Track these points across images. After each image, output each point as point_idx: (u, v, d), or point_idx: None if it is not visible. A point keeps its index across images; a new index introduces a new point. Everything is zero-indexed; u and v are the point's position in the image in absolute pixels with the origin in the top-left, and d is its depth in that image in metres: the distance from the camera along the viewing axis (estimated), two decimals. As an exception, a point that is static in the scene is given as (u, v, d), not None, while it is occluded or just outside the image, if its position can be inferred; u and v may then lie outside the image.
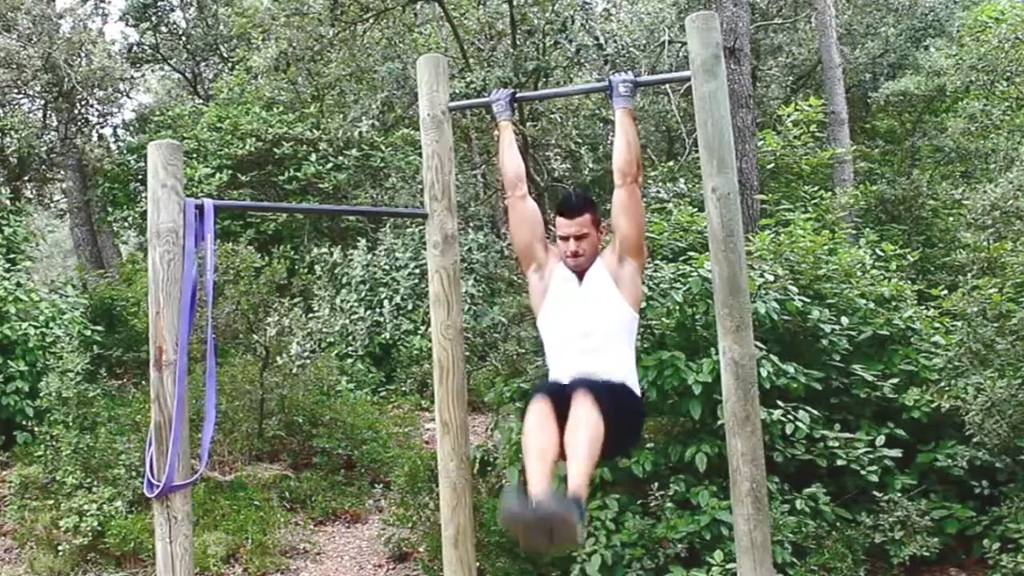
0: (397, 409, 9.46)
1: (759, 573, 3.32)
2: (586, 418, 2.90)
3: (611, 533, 5.19)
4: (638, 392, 3.40)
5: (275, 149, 13.27)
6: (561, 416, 2.99)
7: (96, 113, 14.64)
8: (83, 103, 14.17)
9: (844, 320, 6.03)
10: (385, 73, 10.49)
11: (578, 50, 9.62)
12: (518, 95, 4.02)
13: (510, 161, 3.69)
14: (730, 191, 3.40)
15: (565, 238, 3.44)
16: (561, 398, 3.04)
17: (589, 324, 3.34)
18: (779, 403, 5.37)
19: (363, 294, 10.80)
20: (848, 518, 5.40)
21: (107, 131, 15.24)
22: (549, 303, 3.47)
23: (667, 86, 12.09)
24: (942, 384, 5.65)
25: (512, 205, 3.66)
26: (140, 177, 13.50)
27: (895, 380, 5.86)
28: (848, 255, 6.55)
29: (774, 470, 5.24)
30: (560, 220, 3.46)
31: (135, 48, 17.41)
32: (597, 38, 9.65)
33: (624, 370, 3.35)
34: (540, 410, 3.02)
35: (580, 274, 3.44)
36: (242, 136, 13.37)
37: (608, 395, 3.05)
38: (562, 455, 2.93)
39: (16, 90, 13.53)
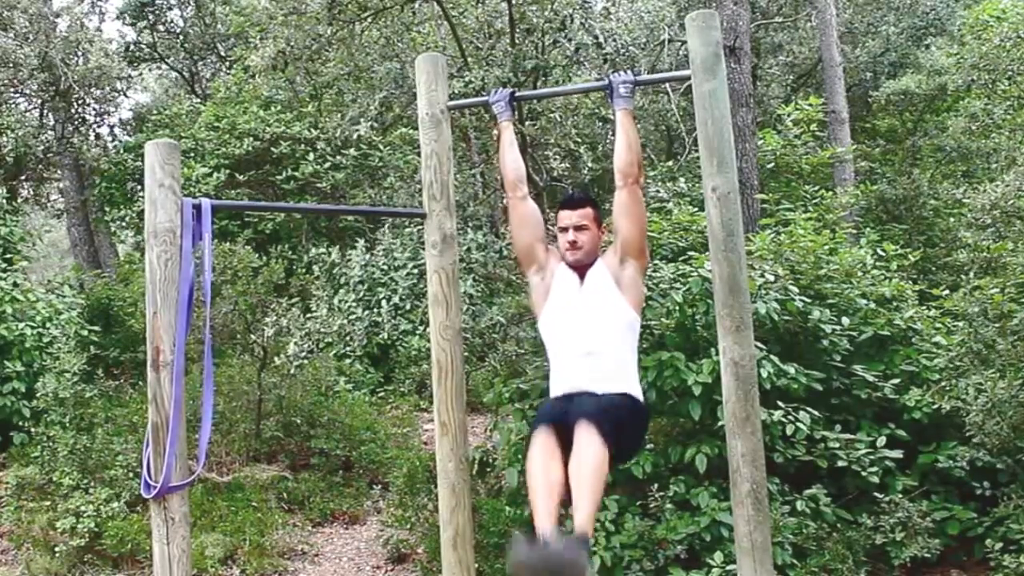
0: (395, 410, 9.43)
1: (759, 574, 3.30)
2: (590, 452, 2.84)
3: (611, 534, 5.17)
4: (641, 397, 3.36)
5: (273, 148, 13.24)
6: (565, 444, 2.93)
7: (93, 112, 14.62)
8: (80, 102, 14.15)
9: (845, 320, 6.01)
10: (383, 72, 10.46)
11: (577, 49, 9.59)
12: (517, 94, 4.00)
13: (511, 162, 3.67)
14: (730, 190, 3.38)
15: (564, 229, 3.43)
16: (563, 425, 2.97)
17: (590, 328, 3.31)
18: (779, 404, 5.35)
19: (361, 294, 10.77)
20: (849, 519, 5.38)
21: (104, 130, 15.22)
22: (550, 305, 3.44)
23: (667, 85, 12.07)
24: (943, 384, 5.63)
25: (512, 206, 3.64)
26: (137, 176, 13.46)
27: (896, 381, 5.84)
28: (849, 255, 6.52)
29: (774, 471, 5.22)
30: (561, 212, 3.46)
31: (132, 47, 17.36)
32: (596, 37, 9.61)
33: (626, 376, 3.31)
34: (543, 443, 2.95)
35: (581, 274, 3.41)
36: (240, 135, 13.33)
37: (611, 416, 3.00)
38: (568, 485, 2.86)
39: (12, 89, 13.52)
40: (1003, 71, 7.20)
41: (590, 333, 3.31)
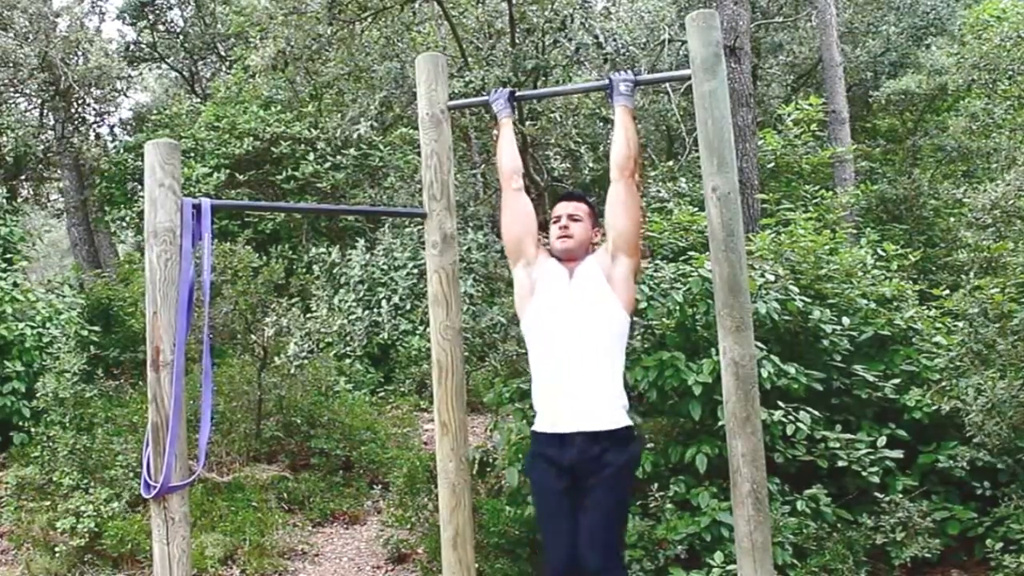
0: (396, 410, 9.43)
1: (759, 574, 3.30)
2: None
3: (611, 534, 5.16)
4: (627, 404, 3.35)
5: (273, 148, 13.25)
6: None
7: (93, 112, 14.66)
8: (80, 102, 14.18)
9: (845, 320, 6.00)
10: (383, 72, 10.44)
11: (577, 48, 9.58)
12: (517, 94, 4.00)
13: (508, 154, 3.69)
14: (730, 190, 3.38)
15: (558, 218, 3.45)
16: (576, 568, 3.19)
17: (577, 337, 3.27)
18: (780, 404, 5.34)
19: (361, 294, 10.77)
20: (849, 519, 5.37)
21: (104, 130, 15.28)
22: (536, 303, 3.40)
23: (667, 85, 12.07)
24: (943, 384, 5.62)
25: (506, 197, 3.63)
26: (137, 176, 13.48)
27: (896, 380, 5.83)
28: (849, 255, 6.52)
29: (775, 471, 5.21)
30: (558, 204, 3.52)
31: (132, 47, 17.39)
32: (597, 36, 9.60)
33: (613, 389, 3.30)
34: None
35: (571, 270, 3.40)
36: (240, 135, 13.35)
37: (614, 521, 3.26)
38: None
39: (12, 89, 13.53)
40: (1003, 71, 7.21)
41: (577, 344, 3.27)
